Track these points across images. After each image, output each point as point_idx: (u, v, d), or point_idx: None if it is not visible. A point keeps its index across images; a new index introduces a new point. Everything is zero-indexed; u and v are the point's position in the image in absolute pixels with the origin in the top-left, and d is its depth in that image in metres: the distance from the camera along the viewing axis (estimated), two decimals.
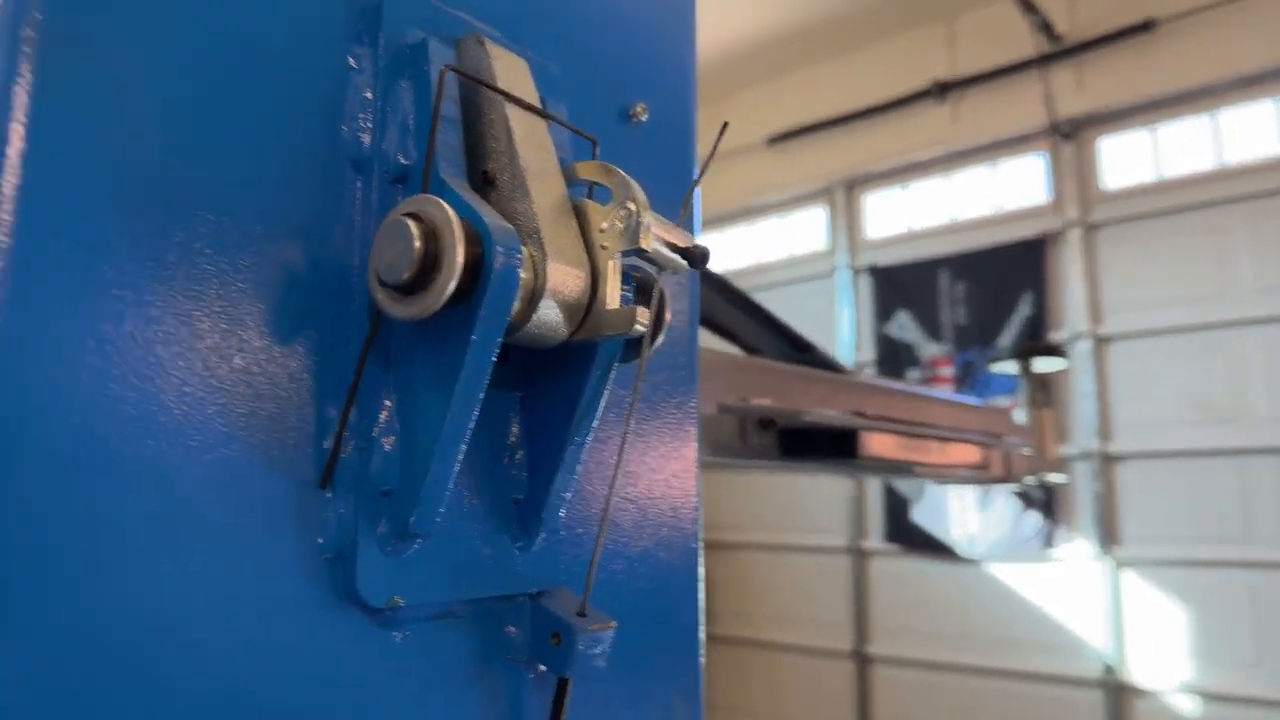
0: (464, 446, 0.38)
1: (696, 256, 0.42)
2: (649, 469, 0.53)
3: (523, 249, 0.37)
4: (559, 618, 0.43)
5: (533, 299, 0.38)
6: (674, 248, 0.41)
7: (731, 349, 1.25)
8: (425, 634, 0.40)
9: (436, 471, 0.37)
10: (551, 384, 0.44)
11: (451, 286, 0.35)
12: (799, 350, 1.21)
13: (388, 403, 0.39)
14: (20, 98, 0.31)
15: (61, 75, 0.32)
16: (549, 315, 0.39)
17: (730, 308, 1.15)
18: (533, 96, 0.44)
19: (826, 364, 1.19)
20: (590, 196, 0.42)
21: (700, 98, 0.62)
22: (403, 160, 0.40)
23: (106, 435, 0.32)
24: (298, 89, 0.39)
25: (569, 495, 0.44)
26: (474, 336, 0.36)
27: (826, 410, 0.96)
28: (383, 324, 0.39)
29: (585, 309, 0.40)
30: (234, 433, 0.35)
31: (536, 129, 0.43)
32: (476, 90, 0.42)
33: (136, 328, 0.33)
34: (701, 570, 0.57)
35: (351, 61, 0.41)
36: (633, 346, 0.44)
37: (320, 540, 0.37)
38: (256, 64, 0.38)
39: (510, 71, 0.43)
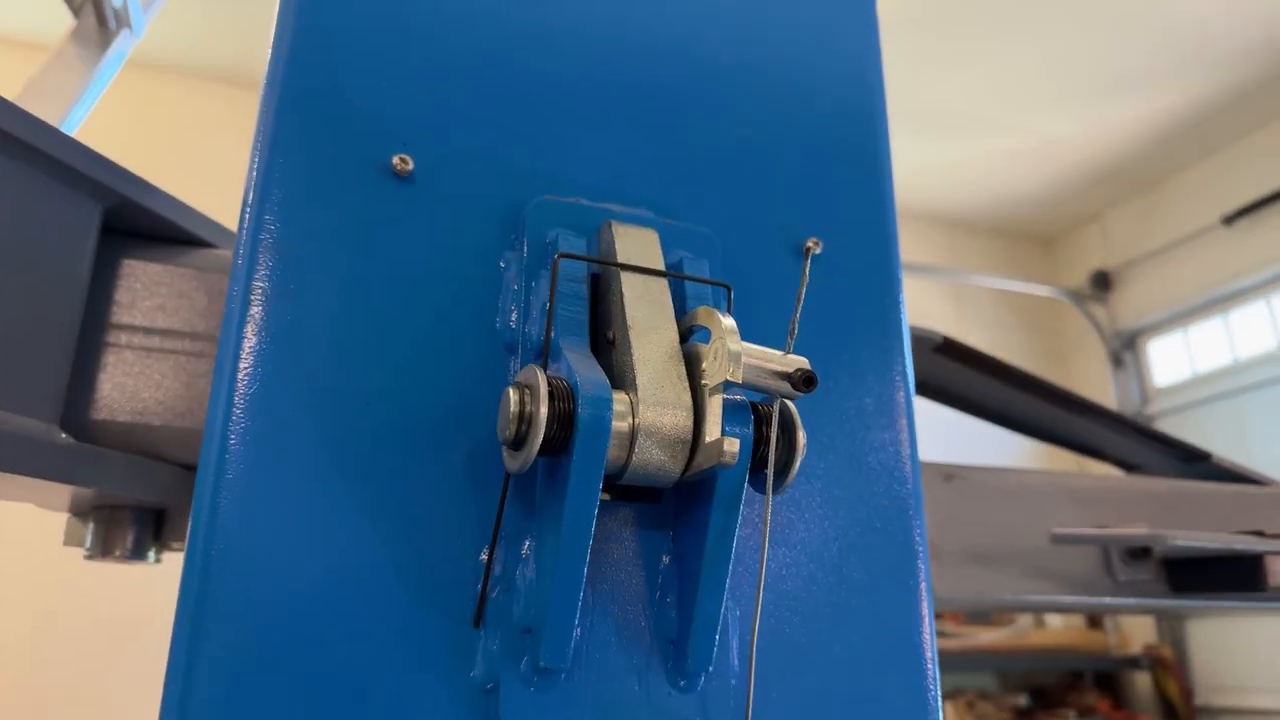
0: (581, 585, 0.41)
1: (796, 380, 0.41)
2: (853, 612, 0.51)
3: (617, 396, 0.41)
4: None
5: (631, 442, 0.41)
6: (775, 374, 0.42)
7: (1111, 471, 1.08)
8: None
9: (556, 610, 0.41)
10: (692, 523, 0.45)
11: (540, 436, 0.39)
12: (1189, 460, 1.00)
13: (529, 547, 0.44)
14: (244, 337, 0.44)
15: (270, 317, 0.44)
16: (651, 455, 0.42)
17: (1094, 424, 1.01)
18: (655, 262, 0.48)
19: (1232, 475, 0.97)
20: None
21: (1136, 185, 0.60)
22: (539, 338, 0.47)
23: (308, 592, 0.41)
24: (461, 296, 0.48)
25: (716, 636, 0.44)
26: (571, 479, 0.40)
27: (1203, 533, 0.78)
28: (527, 479, 0.45)
29: (692, 446, 0.42)
30: (404, 579, 0.43)
31: (653, 290, 0.47)
32: (605, 268, 0.48)
33: (328, 506, 0.43)
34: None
35: (502, 264, 0.49)
36: (774, 479, 0.44)
37: (473, 674, 0.42)
38: (429, 286, 0.48)
39: (635, 244, 0.49)
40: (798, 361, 0.42)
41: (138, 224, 0.66)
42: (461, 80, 0.52)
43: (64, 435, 0.58)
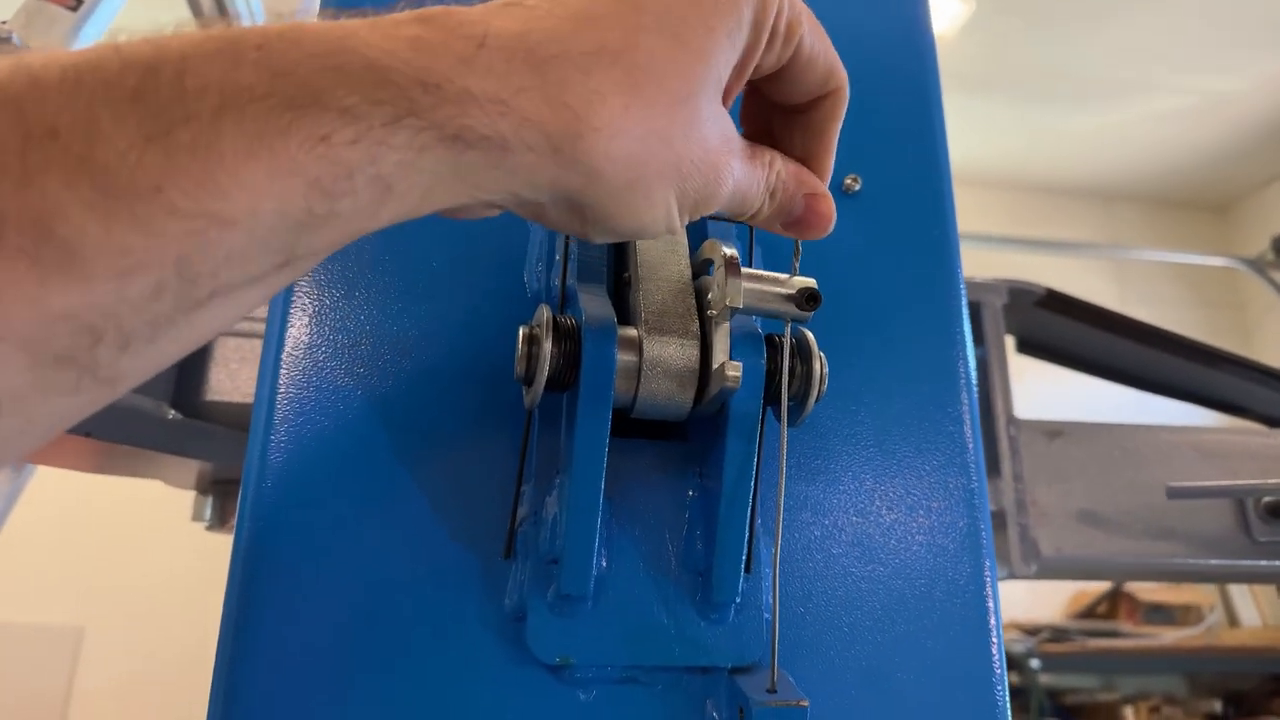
0: (597, 512, 0.42)
1: (800, 299, 0.41)
2: (899, 545, 0.49)
3: (624, 329, 0.42)
4: (743, 693, 0.42)
5: (639, 374, 0.42)
6: (779, 296, 0.41)
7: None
8: (612, 697, 0.44)
9: (574, 539, 0.42)
10: (714, 456, 0.45)
11: (546, 371, 0.41)
12: None
13: (558, 482, 0.45)
14: (292, 292, 0.47)
15: (315, 275, 0.48)
16: (660, 386, 0.42)
17: (1229, 375, 0.92)
18: None
19: None
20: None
21: None
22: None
23: (350, 528, 0.44)
24: (495, 252, 0.51)
25: (740, 567, 0.44)
26: (579, 411, 0.41)
27: None
28: (556, 417, 0.46)
29: (700, 375, 0.42)
30: (441, 516, 0.45)
31: None
32: None
33: (370, 453, 0.46)
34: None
35: None
36: (791, 411, 0.44)
37: (506, 603, 0.44)
38: (462, 241, 0.51)
39: None
40: (802, 282, 0.42)
41: None
42: None
43: (173, 412, 0.64)
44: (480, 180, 0.28)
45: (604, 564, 0.45)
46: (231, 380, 0.70)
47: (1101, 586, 3.39)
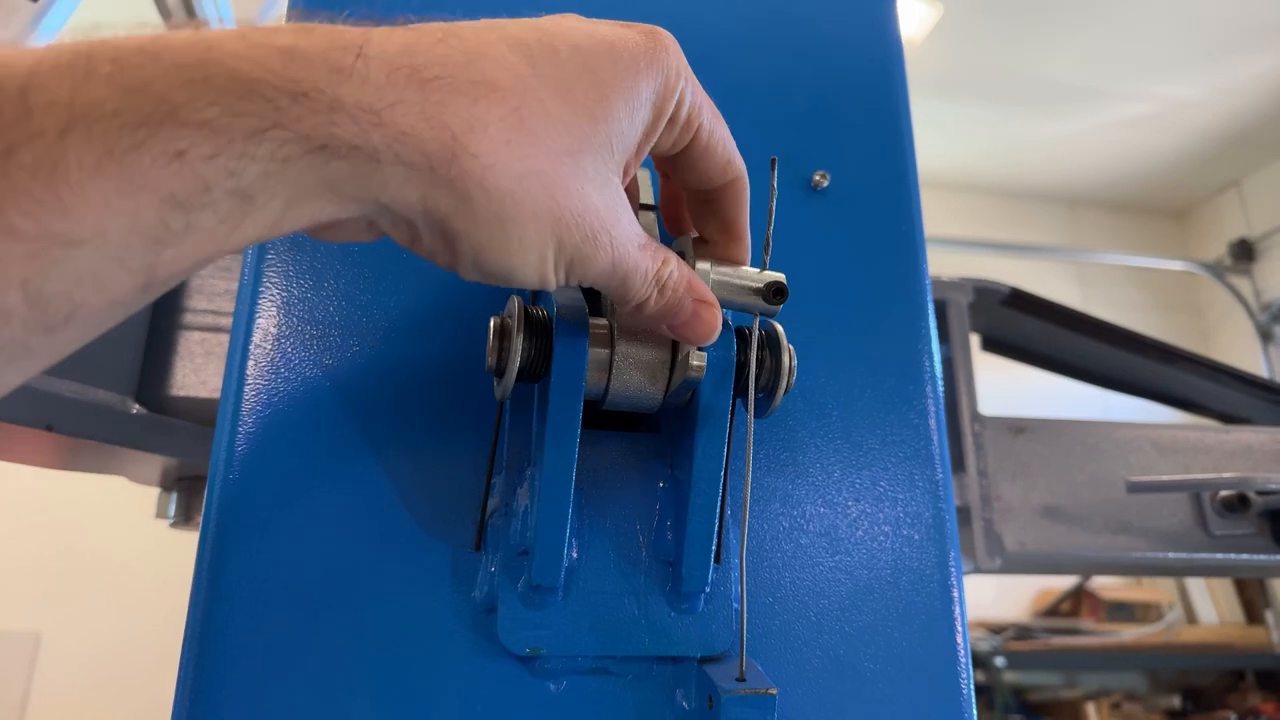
0: (568, 502, 0.42)
1: (767, 293, 0.41)
2: (866, 536, 0.50)
3: (596, 321, 0.42)
4: (712, 681, 0.42)
5: (610, 366, 0.42)
6: (746, 289, 0.42)
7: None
8: (582, 688, 0.44)
9: (544, 531, 0.42)
10: (684, 447, 0.45)
11: (517, 363, 0.41)
12: None
13: (529, 473, 0.45)
14: (261, 280, 0.47)
15: (283, 265, 0.48)
16: (630, 377, 0.42)
17: (1187, 373, 0.94)
18: (645, 197, 0.49)
19: None
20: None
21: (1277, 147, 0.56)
22: None
23: (320, 518, 0.44)
24: None
25: (710, 557, 0.44)
26: (550, 402, 0.41)
27: None
28: (528, 408, 0.46)
29: (670, 367, 0.43)
30: (411, 506, 0.45)
31: (642, 221, 0.48)
32: None
33: (339, 443, 0.45)
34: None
35: None
36: (760, 403, 0.44)
37: (476, 595, 0.44)
38: None
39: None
40: (770, 276, 0.42)
41: None
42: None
43: (137, 406, 0.63)
44: (348, 192, 0.27)
45: (574, 555, 0.45)
46: (197, 375, 0.69)
47: (1065, 584, 3.45)
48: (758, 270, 0.43)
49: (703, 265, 0.41)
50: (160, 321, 0.69)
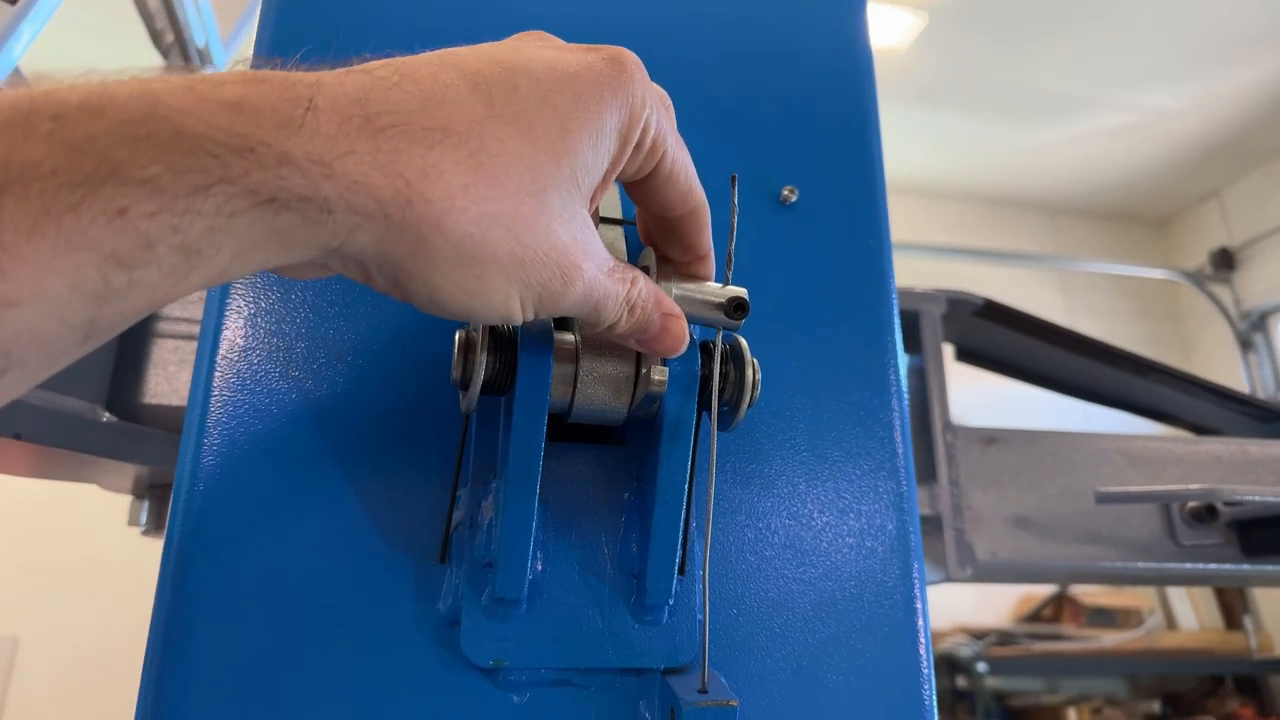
0: (532, 515, 0.42)
1: (729, 308, 0.42)
2: (830, 548, 0.50)
3: (561, 336, 0.42)
4: (674, 693, 0.43)
5: (575, 380, 0.42)
6: (707, 304, 0.42)
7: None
8: (545, 700, 0.44)
9: (508, 543, 0.42)
10: (650, 460, 0.46)
11: (480, 377, 0.41)
12: (1269, 420, 0.92)
13: (494, 486, 0.46)
14: (229, 295, 0.47)
15: (246, 281, 0.48)
16: (595, 391, 0.43)
17: (1157, 384, 0.95)
18: (613, 211, 0.50)
19: None
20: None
21: (1257, 157, 0.59)
22: None
23: (281, 531, 0.44)
24: None
25: (674, 569, 0.44)
26: (515, 417, 0.41)
27: (1274, 487, 0.73)
28: (494, 421, 0.47)
29: (634, 381, 0.43)
30: (376, 520, 0.45)
31: (607, 237, 0.48)
32: None
33: (301, 454, 0.46)
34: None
35: None
36: (724, 416, 0.45)
37: (440, 607, 0.44)
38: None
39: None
40: (732, 291, 0.42)
41: None
42: (429, 29, 0.55)
43: (107, 415, 0.63)
44: (297, 240, 0.27)
45: (539, 567, 0.45)
46: (169, 383, 0.69)
47: (1047, 590, 3.47)
48: (720, 285, 0.43)
49: (665, 284, 0.42)
50: (133, 329, 0.68)
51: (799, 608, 0.49)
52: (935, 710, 0.48)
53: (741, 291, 0.42)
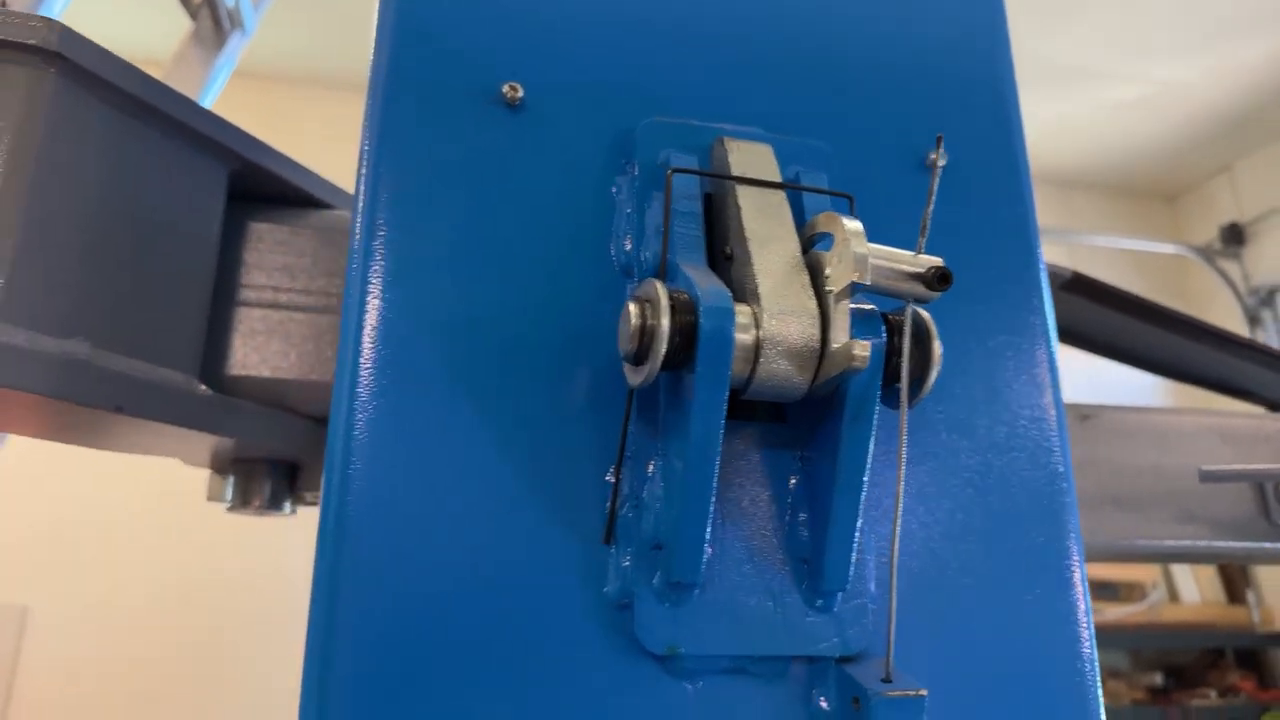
0: (711, 499, 0.40)
1: (930, 278, 0.39)
2: (993, 541, 0.48)
3: (739, 308, 0.40)
4: (858, 682, 0.41)
5: (756, 353, 0.40)
6: (906, 274, 0.40)
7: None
8: (719, 688, 0.42)
9: (686, 526, 0.40)
10: (823, 439, 0.44)
11: (663, 349, 0.39)
12: None
13: (654, 464, 0.43)
14: (370, 271, 0.44)
15: (391, 253, 0.45)
16: (777, 366, 0.40)
17: (1243, 360, 0.94)
18: (771, 174, 0.47)
19: None
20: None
21: (1268, 132, 0.57)
22: (654, 259, 0.46)
23: (442, 519, 0.42)
24: (575, 222, 0.48)
25: (852, 554, 0.42)
26: (696, 393, 0.39)
27: None
28: (649, 397, 0.44)
29: (819, 355, 0.41)
30: (535, 502, 0.43)
31: (771, 202, 0.45)
32: (720, 184, 0.47)
33: (457, 436, 0.43)
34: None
35: (614, 188, 0.49)
36: (909, 391, 0.43)
37: (606, 590, 0.42)
38: (543, 213, 0.48)
39: (749, 159, 0.47)
40: (930, 260, 0.40)
41: (260, 187, 0.69)
42: (564, 4, 0.52)
43: (203, 387, 0.60)
44: None
45: (709, 550, 0.43)
46: (258, 353, 0.66)
47: None
48: (913, 254, 0.41)
49: (860, 252, 0.39)
50: (219, 297, 0.66)
51: (964, 591, 0.47)
52: (1100, 700, 0.47)
53: (940, 261, 0.40)
